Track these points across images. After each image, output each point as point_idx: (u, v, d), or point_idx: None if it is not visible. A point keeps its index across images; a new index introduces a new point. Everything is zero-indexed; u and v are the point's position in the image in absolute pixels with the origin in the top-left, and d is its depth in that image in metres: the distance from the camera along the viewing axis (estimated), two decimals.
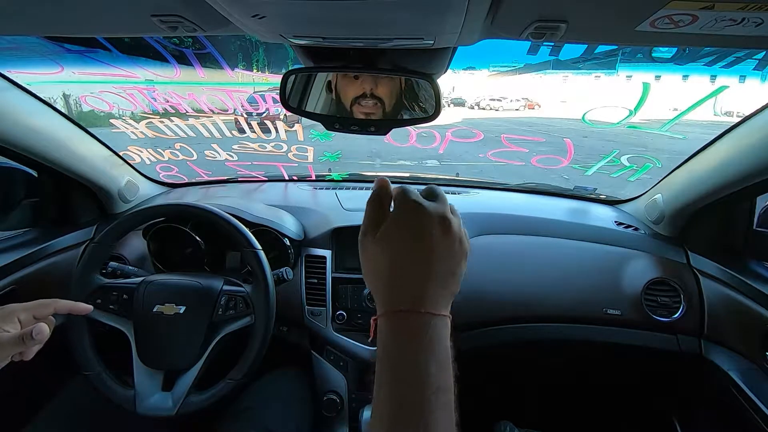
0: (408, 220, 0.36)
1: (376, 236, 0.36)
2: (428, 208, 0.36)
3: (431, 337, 0.32)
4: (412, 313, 0.33)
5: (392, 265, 0.35)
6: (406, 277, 0.34)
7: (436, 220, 0.35)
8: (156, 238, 1.05)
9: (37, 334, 0.52)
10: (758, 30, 0.40)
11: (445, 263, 0.35)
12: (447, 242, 0.35)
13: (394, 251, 0.35)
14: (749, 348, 0.87)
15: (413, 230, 0.35)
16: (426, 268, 0.34)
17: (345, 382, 1.02)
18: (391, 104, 0.70)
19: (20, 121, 0.88)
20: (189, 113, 1.45)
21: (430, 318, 0.33)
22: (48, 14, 0.49)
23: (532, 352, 1.13)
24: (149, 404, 0.79)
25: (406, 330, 0.33)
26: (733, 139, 0.87)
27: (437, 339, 0.33)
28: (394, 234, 0.36)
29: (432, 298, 0.34)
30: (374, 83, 0.69)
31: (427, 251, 0.35)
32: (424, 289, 0.34)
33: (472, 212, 1.17)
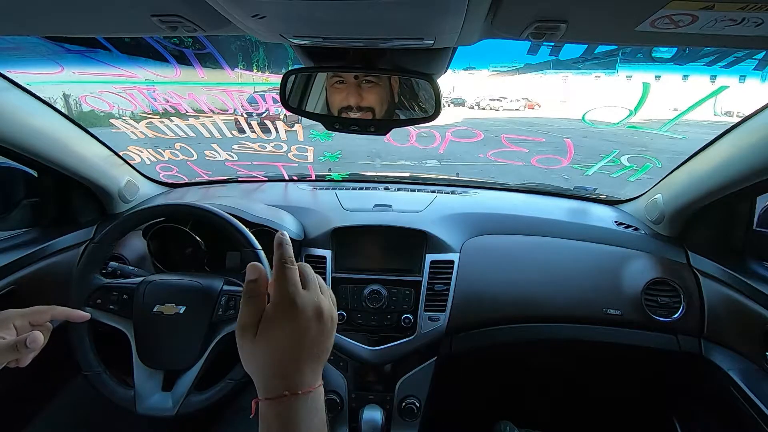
0: (284, 319, 0.39)
1: (255, 337, 0.39)
2: (302, 303, 0.39)
3: (307, 410, 0.37)
4: (289, 397, 0.37)
5: (271, 360, 0.39)
6: (285, 368, 0.38)
7: (310, 312, 0.39)
8: (156, 238, 1.05)
9: (31, 343, 0.52)
10: (758, 30, 0.40)
11: (319, 345, 0.40)
12: (320, 327, 0.40)
13: (272, 348, 0.39)
14: (749, 348, 0.87)
15: (289, 327, 0.39)
16: (300, 355, 0.39)
17: (345, 382, 1.02)
18: (382, 111, 0.70)
19: (20, 121, 0.88)
20: (189, 113, 1.45)
21: (306, 395, 0.38)
22: (48, 14, 0.49)
23: (532, 352, 1.13)
24: (149, 404, 0.79)
25: (284, 413, 0.37)
26: (733, 139, 0.87)
27: (313, 409, 0.38)
28: (272, 333, 0.39)
29: (307, 378, 0.38)
30: (359, 96, 0.69)
31: (300, 341, 0.39)
32: (300, 375, 0.38)
33: (472, 212, 1.17)
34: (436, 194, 1.28)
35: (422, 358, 1.02)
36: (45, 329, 0.58)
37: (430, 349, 1.01)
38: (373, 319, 0.99)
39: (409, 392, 1.01)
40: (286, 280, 0.40)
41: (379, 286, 0.99)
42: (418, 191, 1.33)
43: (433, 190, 1.33)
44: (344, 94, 0.69)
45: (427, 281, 1.00)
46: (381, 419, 0.96)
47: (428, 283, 1.00)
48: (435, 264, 1.01)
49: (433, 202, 1.21)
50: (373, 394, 1.02)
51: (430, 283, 1.00)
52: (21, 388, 0.93)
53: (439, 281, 1.00)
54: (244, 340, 0.40)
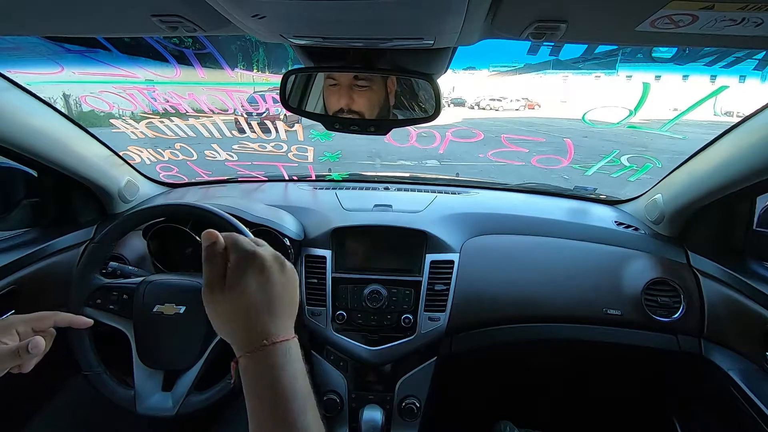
0: (249, 267, 0.40)
1: (224, 289, 0.40)
2: (263, 252, 0.42)
3: (288, 359, 0.38)
4: (269, 347, 0.38)
5: (243, 311, 0.39)
6: (257, 318, 0.39)
7: (272, 261, 0.42)
8: (156, 238, 1.05)
9: (33, 348, 0.52)
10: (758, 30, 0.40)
11: (287, 294, 0.42)
12: (284, 276, 0.42)
13: (243, 299, 0.39)
14: (749, 348, 0.87)
15: (256, 275, 0.40)
16: (272, 305, 0.40)
17: (345, 382, 1.02)
18: (372, 115, 0.70)
19: (20, 121, 0.88)
20: (189, 113, 1.45)
21: (285, 343, 0.39)
22: (48, 14, 0.49)
23: (532, 352, 1.13)
24: (149, 404, 0.79)
25: (265, 362, 0.38)
26: (733, 139, 0.87)
27: (293, 359, 0.39)
28: (239, 283, 0.40)
29: (282, 328, 0.39)
30: (350, 98, 0.69)
31: (270, 290, 0.40)
32: (275, 324, 0.39)
33: (472, 212, 1.17)
34: (436, 194, 1.28)
35: (422, 358, 1.02)
36: (48, 335, 0.58)
37: (430, 349, 1.01)
38: (373, 319, 0.99)
39: (409, 392, 1.01)
40: (241, 240, 0.43)
41: (379, 286, 0.99)
42: (418, 191, 1.33)
43: (433, 190, 1.33)
44: (336, 96, 0.70)
45: (427, 281, 1.00)
46: (381, 419, 0.96)
47: (428, 283, 1.00)
48: (435, 264, 1.01)
49: (433, 202, 1.21)
50: (373, 394, 1.02)
51: (430, 283, 1.00)
52: (21, 388, 0.93)
53: (439, 281, 1.00)
54: (213, 296, 0.41)
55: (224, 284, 0.40)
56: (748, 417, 0.79)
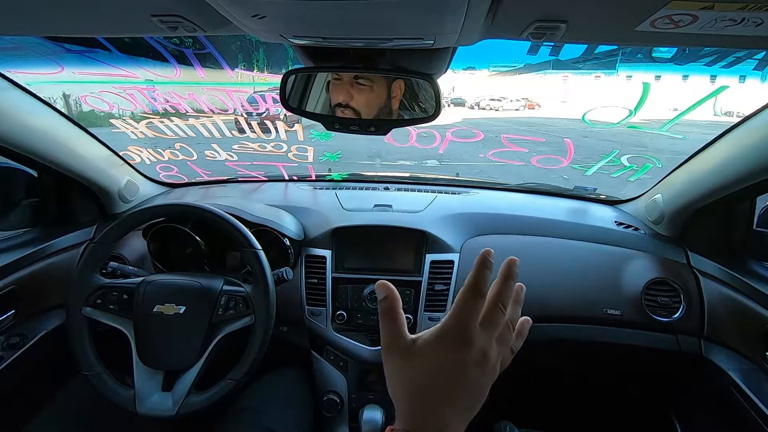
0: (447, 347, 0.34)
1: (410, 356, 0.35)
2: (473, 338, 0.35)
3: None
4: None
5: (420, 392, 0.34)
6: (432, 408, 0.33)
7: (477, 352, 0.34)
8: (156, 238, 1.05)
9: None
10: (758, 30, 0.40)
11: (473, 396, 0.35)
12: (480, 373, 0.35)
13: (425, 376, 0.34)
14: (749, 348, 0.87)
15: (448, 359, 0.34)
16: (452, 401, 0.34)
17: (345, 382, 1.02)
18: (369, 115, 0.70)
19: (20, 121, 0.88)
20: (189, 113, 1.45)
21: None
22: (48, 14, 0.49)
23: (531, 352, 1.12)
24: (149, 404, 0.79)
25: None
26: (733, 139, 0.87)
27: None
28: (428, 358, 0.35)
29: (452, 429, 0.33)
30: (349, 95, 0.69)
31: (458, 382, 0.34)
32: (453, 423, 0.33)
33: (472, 212, 1.17)
34: (436, 194, 1.28)
35: None
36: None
37: None
38: (373, 319, 0.99)
39: None
40: (465, 308, 0.35)
41: None
42: (418, 191, 1.33)
43: (433, 190, 1.33)
44: (337, 91, 0.70)
45: (427, 281, 1.00)
46: (381, 419, 0.96)
47: (428, 283, 1.00)
48: (435, 264, 1.01)
49: (433, 202, 1.21)
50: (373, 394, 1.02)
51: (430, 283, 1.00)
52: (21, 388, 0.93)
53: (439, 281, 1.00)
54: (390, 359, 0.37)
55: (405, 348, 0.36)
56: (749, 417, 0.79)
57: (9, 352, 0.87)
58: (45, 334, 0.94)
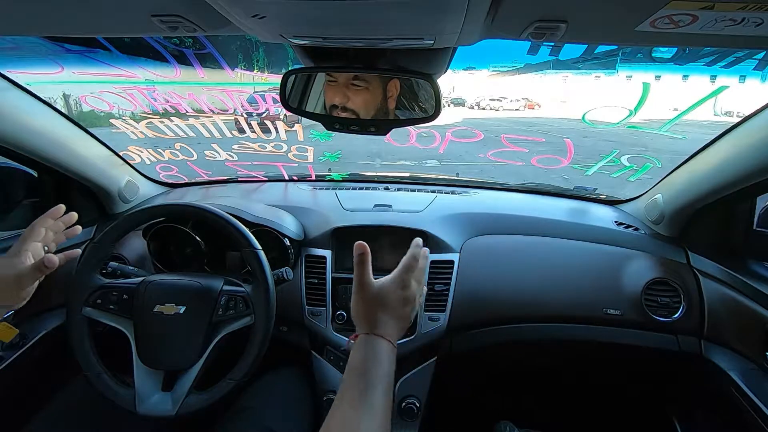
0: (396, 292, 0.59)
1: (372, 288, 0.59)
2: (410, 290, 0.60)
3: (390, 351, 0.55)
4: (384, 339, 0.56)
5: (379, 312, 0.58)
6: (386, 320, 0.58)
7: (411, 296, 0.60)
8: (156, 238, 1.05)
9: (48, 262, 0.67)
10: (758, 30, 0.40)
11: (406, 318, 0.59)
12: (409, 308, 0.60)
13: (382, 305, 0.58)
14: (749, 348, 0.87)
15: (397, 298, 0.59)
16: (395, 317, 0.58)
17: None
18: (367, 115, 0.70)
19: (20, 121, 0.87)
20: (189, 113, 1.45)
21: (391, 344, 0.56)
22: (48, 14, 0.49)
23: (532, 352, 1.13)
24: (149, 404, 0.79)
25: (372, 345, 0.55)
26: (733, 139, 0.87)
27: (392, 356, 0.55)
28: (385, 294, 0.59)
29: (395, 335, 0.57)
30: (345, 96, 0.69)
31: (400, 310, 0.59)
32: (392, 330, 0.57)
33: (472, 212, 1.17)
34: (436, 194, 1.28)
35: (422, 358, 1.02)
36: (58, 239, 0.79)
37: (430, 349, 1.01)
38: None
39: (409, 392, 1.01)
40: (410, 270, 0.60)
41: None
42: (418, 191, 1.33)
43: (433, 190, 1.33)
44: (333, 93, 0.70)
45: (427, 281, 1.00)
46: None
47: (428, 283, 1.00)
48: (435, 264, 1.01)
49: (433, 202, 1.21)
50: None
51: (430, 283, 1.00)
52: (21, 388, 0.93)
53: (439, 281, 1.00)
54: (359, 293, 0.58)
55: (373, 285, 0.58)
56: (749, 417, 0.79)
57: (9, 352, 0.87)
58: (45, 334, 0.94)
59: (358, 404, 0.49)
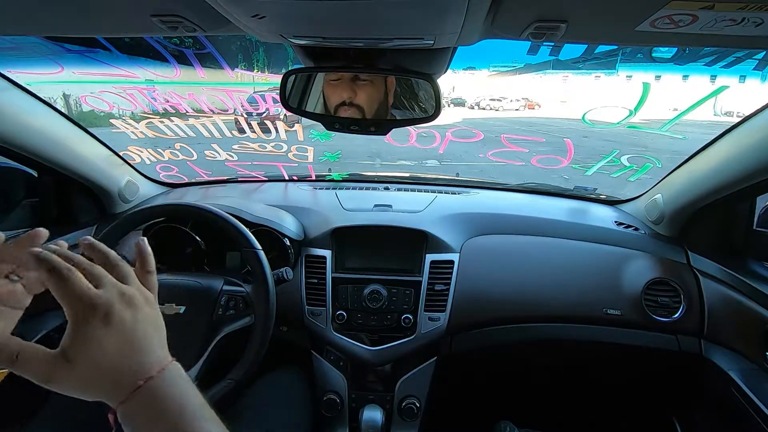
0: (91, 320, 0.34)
1: (68, 359, 0.34)
2: (105, 297, 0.34)
3: (170, 382, 0.33)
4: (144, 384, 0.32)
5: (99, 369, 0.33)
6: (119, 368, 0.33)
7: (118, 302, 0.35)
8: (156, 238, 1.05)
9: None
10: (758, 30, 0.40)
11: (148, 327, 0.37)
12: (137, 312, 0.36)
13: (99, 356, 0.33)
14: (749, 348, 0.87)
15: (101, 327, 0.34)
16: (134, 346, 0.34)
17: (345, 382, 1.02)
18: (372, 111, 0.71)
19: (20, 121, 0.87)
20: (189, 113, 1.45)
21: (162, 373, 0.34)
22: (48, 14, 0.49)
23: (532, 352, 1.13)
24: None
25: (147, 401, 0.32)
26: (733, 139, 0.87)
27: (175, 380, 0.34)
28: (90, 345, 0.34)
29: (154, 360, 0.34)
30: (353, 92, 0.69)
31: (127, 334, 0.34)
32: (143, 362, 0.34)
33: (472, 212, 1.17)
34: (436, 194, 1.28)
35: (422, 358, 1.02)
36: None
37: (430, 349, 1.01)
38: (373, 319, 0.99)
39: (409, 392, 1.01)
40: (72, 287, 0.33)
41: (379, 286, 0.99)
42: (418, 191, 1.33)
43: (433, 190, 1.33)
44: (338, 90, 0.70)
45: (427, 281, 1.00)
46: (381, 419, 0.96)
47: (428, 283, 1.00)
48: (435, 264, 1.01)
49: (433, 202, 1.21)
50: (373, 394, 1.02)
51: (430, 283, 1.00)
52: (21, 388, 0.93)
53: (439, 281, 1.00)
54: (54, 373, 0.34)
55: (62, 354, 0.34)
56: (749, 417, 0.79)
57: None
58: (45, 334, 0.94)
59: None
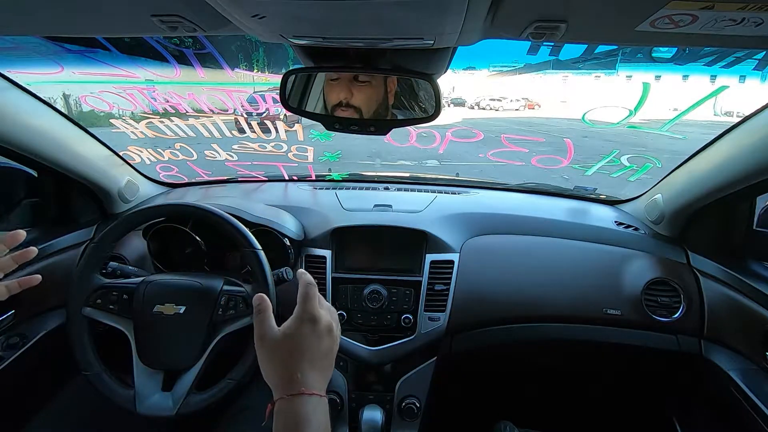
0: (306, 330, 0.47)
1: (277, 337, 0.46)
2: (324, 315, 0.48)
3: (316, 412, 0.42)
4: (305, 395, 0.43)
5: (291, 363, 0.45)
6: (301, 369, 0.44)
7: (324, 327, 0.47)
8: (156, 238, 1.05)
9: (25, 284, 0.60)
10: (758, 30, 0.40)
11: (329, 357, 0.47)
12: (331, 340, 0.48)
13: (295, 349, 0.45)
14: (749, 348, 0.87)
15: (309, 337, 0.46)
16: (315, 361, 0.45)
17: (345, 382, 1.02)
18: (369, 112, 0.70)
19: (20, 121, 0.87)
20: (189, 113, 1.45)
21: (318, 397, 0.43)
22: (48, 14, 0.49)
23: (532, 352, 1.13)
24: (149, 404, 0.79)
25: (297, 408, 0.42)
26: (733, 139, 0.87)
27: (320, 414, 0.43)
28: (294, 335, 0.46)
29: (318, 383, 0.44)
30: (349, 92, 0.69)
31: (317, 350, 0.46)
32: (313, 378, 0.44)
33: (472, 212, 1.17)
34: (436, 194, 1.28)
35: (422, 358, 1.02)
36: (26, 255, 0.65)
37: (430, 349, 1.01)
38: (373, 319, 0.99)
39: (409, 392, 1.01)
40: (310, 299, 0.48)
41: (379, 286, 0.99)
42: (418, 191, 1.33)
43: (433, 190, 1.33)
44: (336, 90, 0.70)
45: (427, 281, 1.00)
46: (381, 419, 0.96)
47: (428, 283, 1.00)
48: (435, 264, 1.01)
49: (433, 202, 1.21)
50: (373, 394, 1.02)
51: (430, 283, 1.00)
52: (21, 388, 0.93)
53: (439, 281, 1.00)
54: (263, 342, 0.46)
55: (276, 332, 0.46)
56: (748, 417, 0.79)
57: (9, 352, 0.87)
58: (45, 334, 0.94)
59: None
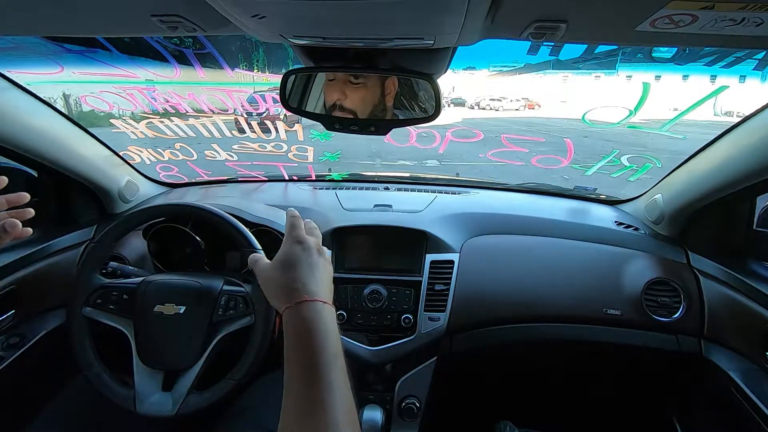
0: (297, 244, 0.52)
1: (273, 261, 0.52)
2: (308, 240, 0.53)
3: (322, 317, 0.44)
4: (308, 302, 0.44)
5: (291, 275, 0.48)
6: (300, 279, 0.47)
7: (314, 247, 0.52)
8: (156, 238, 1.05)
9: (10, 227, 0.58)
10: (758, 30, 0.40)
11: (326, 271, 0.51)
12: (323, 259, 0.52)
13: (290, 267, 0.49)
14: (749, 348, 0.87)
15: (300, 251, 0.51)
16: (313, 274, 0.49)
17: None
18: (364, 113, 0.70)
19: (20, 121, 0.87)
20: (189, 113, 1.45)
21: (320, 304, 0.45)
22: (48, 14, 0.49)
23: (532, 352, 1.13)
24: (149, 404, 0.79)
25: (303, 315, 0.44)
26: (733, 139, 0.87)
27: (327, 319, 0.44)
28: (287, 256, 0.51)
29: (321, 292, 0.47)
30: (343, 94, 0.69)
31: (311, 263, 0.50)
32: (315, 286, 0.47)
33: (472, 212, 1.17)
34: (436, 194, 1.28)
35: (422, 358, 1.02)
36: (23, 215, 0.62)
37: (430, 349, 1.01)
38: (373, 319, 0.99)
39: (409, 392, 1.01)
40: (296, 227, 0.54)
41: (379, 286, 0.99)
42: (418, 191, 1.33)
43: (433, 190, 1.33)
44: (332, 91, 0.70)
45: (427, 281, 1.00)
46: (381, 419, 0.96)
47: (428, 283, 1.00)
48: (435, 264, 1.01)
49: (433, 202, 1.21)
50: (373, 394, 1.02)
51: (430, 283, 1.00)
52: (21, 388, 0.93)
53: (439, 281, 1.00)
54: (262, 275, 0.51)
55: (270, 260, 0.51)
56: (748, 417, 0.79)
57: (9, 352, 0.87)
58: (45, 334, 0.94)
59: (313, 384, 0.39)
